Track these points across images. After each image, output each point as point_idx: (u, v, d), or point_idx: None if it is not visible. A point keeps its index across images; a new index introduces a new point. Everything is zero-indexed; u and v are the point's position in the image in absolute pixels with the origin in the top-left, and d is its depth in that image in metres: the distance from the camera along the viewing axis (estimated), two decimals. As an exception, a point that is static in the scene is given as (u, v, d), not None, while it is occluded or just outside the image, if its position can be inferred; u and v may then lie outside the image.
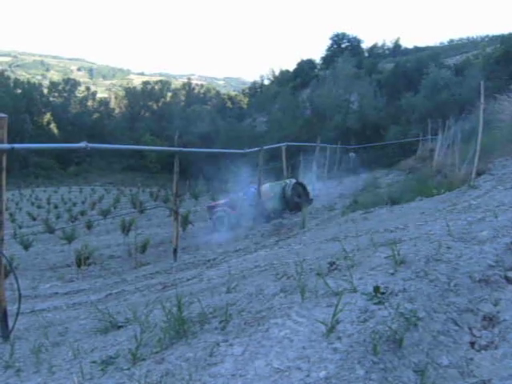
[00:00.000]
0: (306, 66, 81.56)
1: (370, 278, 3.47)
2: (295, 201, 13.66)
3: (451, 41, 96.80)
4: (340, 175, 26.43)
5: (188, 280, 5.94)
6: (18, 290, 4.62)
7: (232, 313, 3.50)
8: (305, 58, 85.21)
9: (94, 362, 3.34)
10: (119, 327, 4.13)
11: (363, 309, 2.89)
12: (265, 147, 11.36)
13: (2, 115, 4.73)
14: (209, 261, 7.23)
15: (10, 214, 36.29)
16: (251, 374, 2.39)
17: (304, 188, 14.54)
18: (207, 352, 2.82)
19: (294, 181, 14.88)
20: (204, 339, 3.12)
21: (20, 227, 27.28)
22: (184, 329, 3.36)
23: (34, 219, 31.97)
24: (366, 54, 78.42)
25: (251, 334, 2.86)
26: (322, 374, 2.31)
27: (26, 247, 16.09)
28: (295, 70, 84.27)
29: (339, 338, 2.57)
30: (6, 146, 4.68)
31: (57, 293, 8.03)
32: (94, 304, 6.18)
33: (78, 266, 9.76)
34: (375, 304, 2.93)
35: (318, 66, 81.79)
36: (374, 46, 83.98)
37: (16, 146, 4.76)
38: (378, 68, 64.73)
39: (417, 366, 2.45)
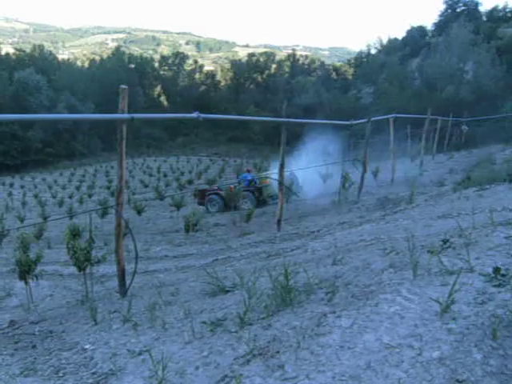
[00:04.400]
0: (416, 34, 77.03)
1: (489, 258, 3.26)
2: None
3: None
4: (451, 149, 24.99)
5: (292, 250, 5.98)
6: (136, 250, 4.95)
7: (338, 285, 3.48)
8: (415, 25, 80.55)
9: (203, 322, 3.50)
10: (227, 291, 4.28)
11: (481, 290, 2.72)
12: (372, 118, 11.00)
13: (124, 86, 5.01)
14: (312, 232, 7.21)
15: (125, 182, 38.89)
16: (360, 348, 2.36)
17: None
18: (314, 322, 2.83)
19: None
20: (310, 309, 3.14)
21: (133, 194, 29.22)
22: (290, 297, 3.40)
23: (146, 186, 34.01)
24: (485, 19, 72.20)
25: (359, 307, 2.82)
26: (436, 354, 2.22)
27: (139, 212, 17.21)
28: (404, 38, 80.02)
29: (454, 319, 2.45)
30: (126, 115, 4.96)
31: (167, 256, 8.51)
32: (203, 267, 6.47)
33: (186, 231, 10.23)
34: (495, 286, 2.75)
35: (430, 33, 76.81)
36: (494, 9, 76.85)
37: (135, 115, 5.02)
38: (497, 33, 59.52)
39: (541, 355, 2.27)
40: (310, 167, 14.25)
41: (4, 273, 9.88)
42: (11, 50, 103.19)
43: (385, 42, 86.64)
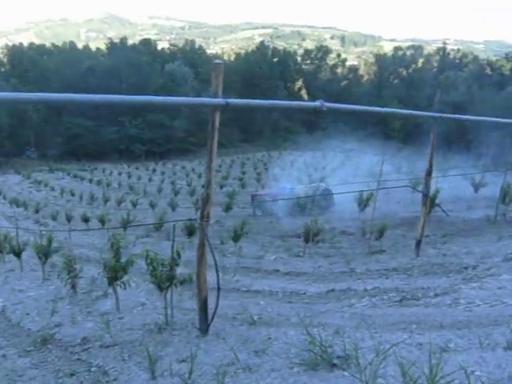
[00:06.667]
0: None
1: None
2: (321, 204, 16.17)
3: None
4: None
5: (436, 296, 4.30)
6: (218, 282, 3.70)
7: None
8: None
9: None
10: (333, 365, 2.85)
11: None
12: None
13: (218, 61, 3.80)
14: (466, 268, 5.33)
15: (258, 174, 38.77)
16: None
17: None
18: None
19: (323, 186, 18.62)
20: None
21: (263, 188, 28.55)
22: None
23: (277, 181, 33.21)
24: None
25: None
26: None
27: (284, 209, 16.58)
28: None
29: None
30: (219, 100, 3.73)
31: (278, 271, 7.25)
32: (313, 301, 5.07)
33: (306, 241, 8.89)
34: None
35: None
36: None
37: (231, 101, 3.78)
38: None
39: None
40: (458, 174, 12.06)
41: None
42: (166, 46, 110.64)
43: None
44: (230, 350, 3.43)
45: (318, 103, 4.93)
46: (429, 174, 6.18)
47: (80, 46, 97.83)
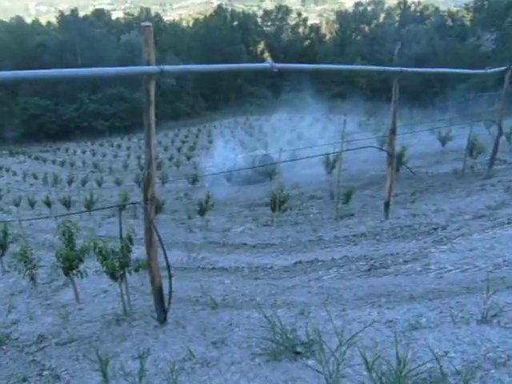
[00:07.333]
0: (551, -33, 67.00)
1: None
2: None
3: None
4: None
5: (405, 262, 4.08)
6: (168, 269, 3.39)
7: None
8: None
9: None
10: (296, 354, 2.60)
11: None
12: (514, 66, 8.34)
13: (147, 23, 3.40)
14: (435, 229, 5.13)
15: (225, 142, 38.19)
16: None
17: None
18: None
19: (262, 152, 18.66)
20: None
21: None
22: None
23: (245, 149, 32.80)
24: None
25: None
26: None
27: (228, 179, 16.08)
28: (537, -27, 70.14)
29: None
30: (153, 68, 3.33)
31: (245, 244, 6.97)
32: (279, 277, 4.82)
33: (273, 210, 8.62)
34: None
35: None
36: None
37: (167, 67, 3.39)
38: None
39: None
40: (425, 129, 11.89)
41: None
42: (121, 15, 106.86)
43: (512, -20, 77.02)
44: (189, 341, 3.17)
45: (267, 64, 4.60)
46: (393, 132, 5.91)
47: (29, 20, 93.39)
